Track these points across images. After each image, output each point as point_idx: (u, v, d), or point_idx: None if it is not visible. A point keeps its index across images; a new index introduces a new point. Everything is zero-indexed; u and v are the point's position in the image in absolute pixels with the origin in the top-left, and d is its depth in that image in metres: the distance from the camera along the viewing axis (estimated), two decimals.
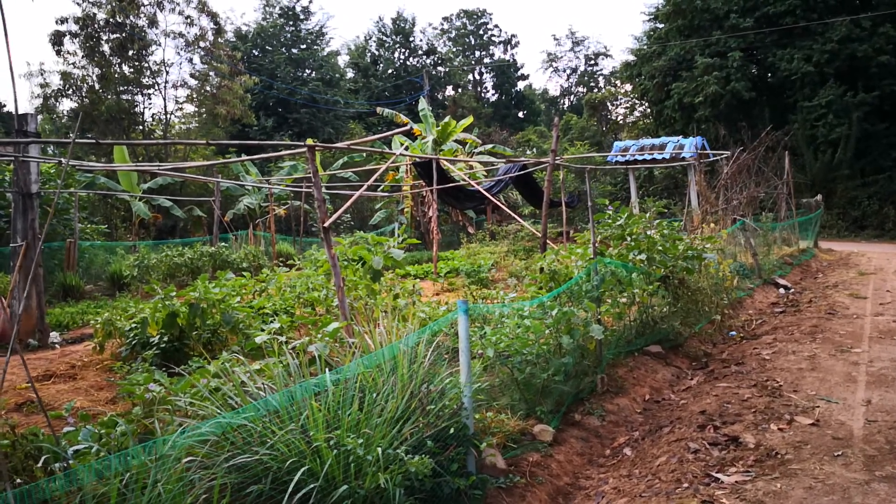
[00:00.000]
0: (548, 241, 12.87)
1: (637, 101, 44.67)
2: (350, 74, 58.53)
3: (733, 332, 10.28)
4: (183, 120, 36.25)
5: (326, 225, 7.09)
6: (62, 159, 11.68)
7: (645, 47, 38.85)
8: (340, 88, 50.14)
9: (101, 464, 3.20)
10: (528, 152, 41.07)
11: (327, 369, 4.55)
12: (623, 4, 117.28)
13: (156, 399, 4.57)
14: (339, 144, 10.67)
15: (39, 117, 35.55)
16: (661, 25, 37.75)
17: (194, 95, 33.38)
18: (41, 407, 3.78)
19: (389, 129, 45.79)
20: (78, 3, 28.29)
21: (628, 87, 44.88)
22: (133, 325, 8.09)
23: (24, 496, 3.04)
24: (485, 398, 5.78)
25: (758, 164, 19.31)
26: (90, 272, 17.51)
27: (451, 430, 4.72)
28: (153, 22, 30.17)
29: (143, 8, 29.64)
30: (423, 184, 23.06)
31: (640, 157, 25.05)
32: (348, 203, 7.40)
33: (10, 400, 7.60)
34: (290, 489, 3.52)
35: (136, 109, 31.98)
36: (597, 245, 8.17)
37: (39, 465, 4.11)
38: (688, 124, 33.72)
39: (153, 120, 33.73)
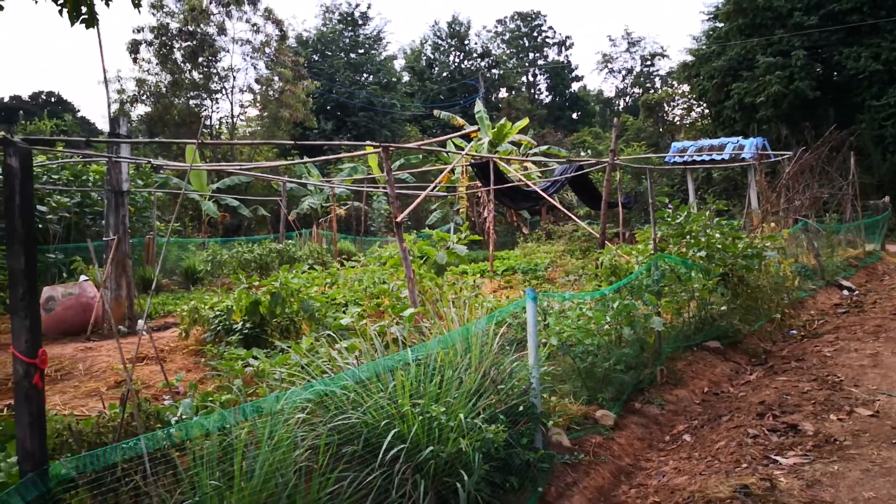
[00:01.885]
0: (605, 241, 13.07)
1: (695, 102, 44.14)
2: (406, 78, 59.33)
3: (794, 331, 10.33)
4: (247, 123, 37.45)
5: (399, 220, 7.52)
6: (151, 160, 12.45)
7: (704, 47, 38.39)
8: (397, 92, 50.95)
9: (225, 417, 3.66)
10: (583, 153, 41.06)
11: (408, 348, 4.96)
12: (680, 4, 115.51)
13: (255, 372, 5.04)
14: (410, 144, 11.15)
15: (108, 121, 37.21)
16: (721, 25, 37.27)
17: (259, 99, 34.49)
18: (165, 376, 4.27)
19: (444, 131, 46.35)
20: (153, 13, 29.67)
21: (686, 87, 44.37)
22: (218, 313, 8.67)
23: (156, 440, 3.52)
24: (549, 384, 6.11)
25: (821, 165, 19.07)
26: (165, 267, 18.42)
27: (521, 408, 5.08)
28: (222, 30, 31.38)
29: (212, 16, 30.86)
30: (479, 184, 23.45)
31: (699, 158, 24.90)
32: (419, 199, 7.83)
33: (110, 378, 8.28)
34: (384, 446, 3.92)
35: (204, 113, 33.24)
36: (656, 243, 8.41)
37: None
38: (748, 125, 33.23)
39: (219, 124, 35.00)
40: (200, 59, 31.12)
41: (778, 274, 10.83)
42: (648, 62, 69.98)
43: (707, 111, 40.39)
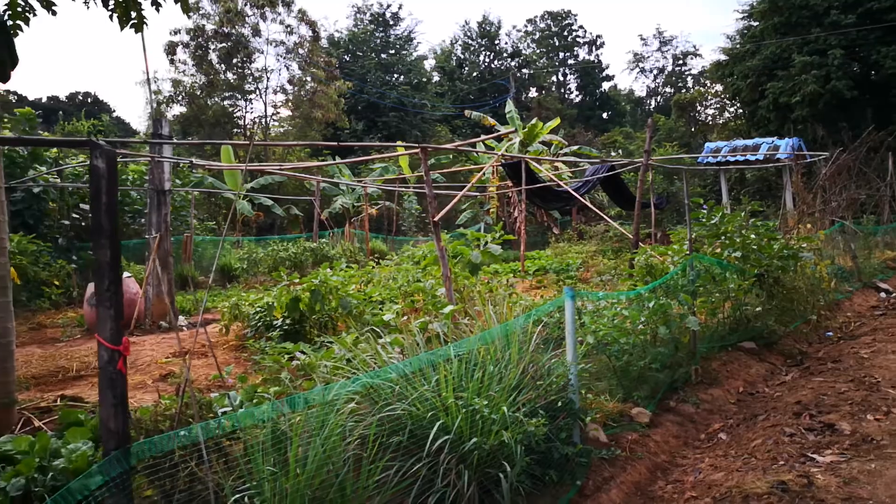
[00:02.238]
0: (638, 242, 13.10)
1: (728, 102, 43.68)
2: (436, 78, 59.57)
3: (830, 333, 10.28)
4: (279, 123, 37.96)
5: (436, 219, 7.67)
6: (192, 159, 12.77)
7: (738, 46, 37.99)
8: (427, 92, 51.19)
9: (280, 406, 3.83)
10: (613, 153, 40.91)
11: (449, 343, 5.11)
12: (714, 3, 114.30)
13: (302, 366, 5.23)
14: (447, 146, 11.30)
15: (145, 122, 37.97)
16: (755, 23, 36.85)
17: (291, 100, 34.94)
18: (219, 369, 4.46)
19: (473, 131, 46.48)
20: (189, 16, 30.19)
21: (719, 87, 43.92)
22: (258, 309, 8.91)
23: (220, 427, 3.71)
24: (586, 381, 6.23)
25: (859, 166, 18.86)
26: (201, 265, 18.82)
27: (559, 404, 5.21)
28: (256, 31, 31.89)
29: (247, 18, 31.36)
30: (510, 185, 23.54)
31: (733, 159, 24.70)
32: (455, 199, 7.98)
33: (155, 372, 8.56)
34: (430, 437, 4.08)
35: (238, 114, 33.81)
36: (692, 243, 8.46)
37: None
38: (783, 125, 32.83)
39: (253, 124, 35.54)
40: (235, 61, 31.65)
41: (814, 275, 10.78)
42: (680, 61, 69.45)
43: (741, 111, 39.96)
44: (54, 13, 7.82)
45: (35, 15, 7.56)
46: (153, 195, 11.58)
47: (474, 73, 61.76)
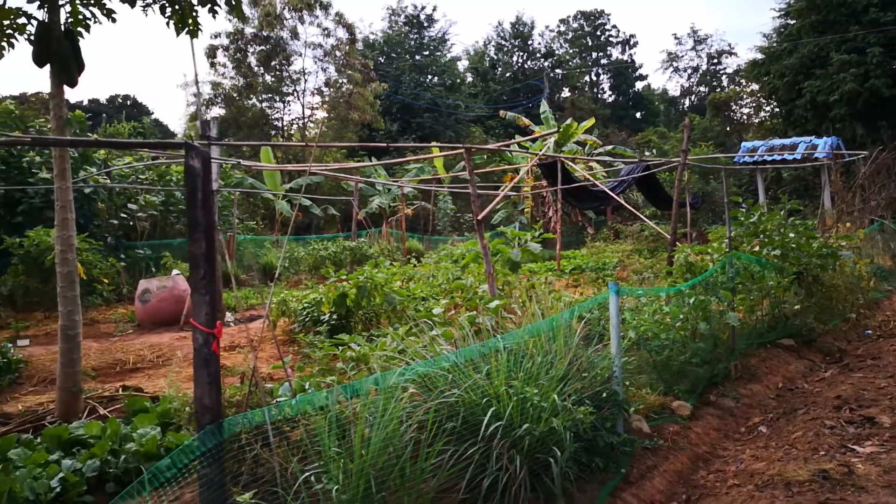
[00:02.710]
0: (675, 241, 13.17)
1: (764, 101, 43.21)
2: (469, 79, 59.80)
3: (869, 331, 10.30)
4: (316, 125, 38.53)
5: (479, 218, 7.91)
6: (240, 160, 13.17)
7: (774, 45, 37.60)
8: (461, 93, 51.44)
9: (350, 387, 4.10)
10: (647, 153, 40.71)
11: (498, 336, 5.34)
12: (749, 1, 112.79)
13: (357, 356, 5.51)
14: (490, 146, 11.54)
15: (184, 124, 38.80)
16: (792, 22, 36.45)
17: (328, 101, 35.46)
18: (281, 358, 4.75)
19: (507, 131, 46.59)
20: (230, 20, 30.90)
21: (755, 86, 43.46)
22: (306, 305, 9.23)
23: (293, 407, 3.98)
24: (628, 375, 6.41)
25: None
26: (242, 263, 19.29)
27: (604, 395, 5.41)
28: (295, 34, 32.43)
29: (286, 21, 31.93)
30: (544, 184, 23.67)
31: (770, 158, 24.55)
32: (498, 198, 8.19)
33: None
34: (484, 423, 4.31)
35: (276, 115, 34.44)
36: (730, 241, 8.59)
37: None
38: (821, 124, 32.44)
39: (290, 125, 36.14)
40: (273, 63, 32.24)
41: (853, 274, 10.80)
42: (715, 60, 68.70)
43: (777, 110, 39.52)
44: (114, 20, 8.22)
45: (96, 22, 7.97)
46: None
47: (507, 74, 61.85)
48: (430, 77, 51.50)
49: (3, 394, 8.15)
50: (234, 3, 7.90)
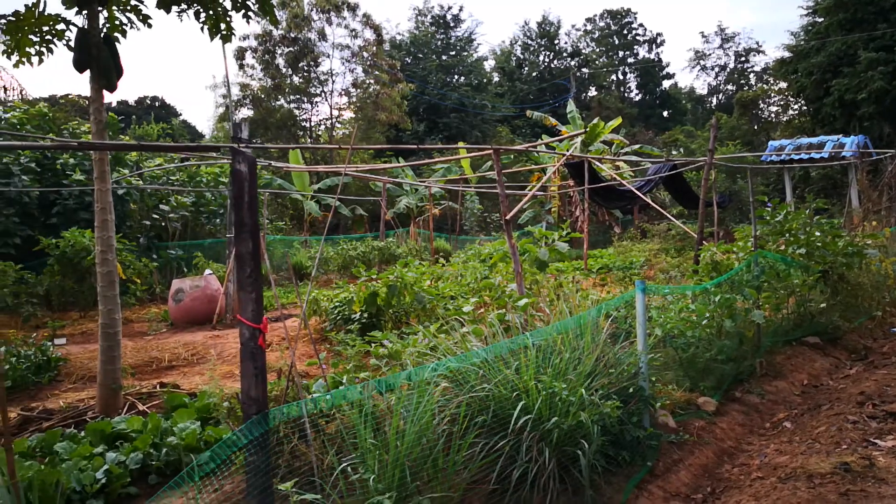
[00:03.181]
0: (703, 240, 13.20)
1: (792, 99, 42.76)
2: (495, 78, 59.89)
3: (895, 329, 10.29)
4: (344, 126, 38.95)
5: (508, 218, 8.06)
6: (272, 161, 13.44)
7: (802, 43, 37.24)
8: (488, 93, 51.57)
9: (384, 381, 4.29)
10: (674, 152, 40.47)
11: (527, 332, 5.49)
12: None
13: (389, 352, 5.70)
14: (518, 147, 11.68)
15: (213, 125, 39.39)
16: (820, 20, 36.10)
17: (355, 102, 35.83)
18: (316, 354, 4.95)
19: (533, 131, 46.61)
20: (258, 21, 31.37)
21: (782, 84, 43.02)
22: (337, 304, 9.45)
23: (336, 397, 4.18)
24: (653, 371, 6.52)
25: None
26: (272, 263, 19.62)
27: (630, 390, 5.54)
28: (322, 36, 32.86)
29: (314, 23, 32.35)
30: (571, 184, 23.72)
31: (797, 157, 24.36)
32: (526, 198, 8.34)
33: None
34: (514, 416, 4.47)
35: (304, 116, 34.87)
36: (756, 240, 8.66)
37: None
38: (849, 122, 32.10)
39: (318, 126, 36.58)
40: (301, 65, 32.66)
41: (879, 273, 10.78)
42: (743, 58, 67.99)
43: (805, 108, 39.14)
44: (150, 26, 8.49)
45: (132, 27, 8.24)
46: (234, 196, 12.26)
47: (534, 73, 61.85)
48: (456, 77, 51.71)
49: (43, 391, 8.47)
50: (266, 7, 8.15)
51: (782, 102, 45.74)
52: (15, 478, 4.24)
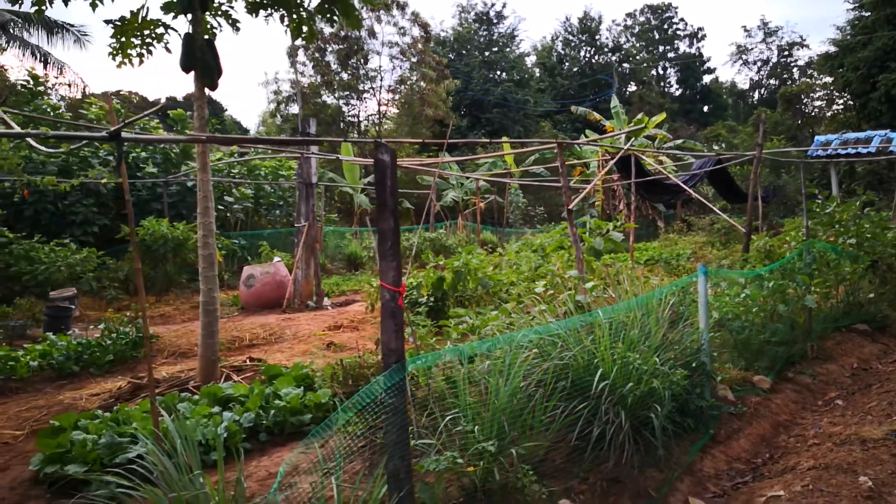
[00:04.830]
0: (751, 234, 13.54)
1: (837, 94, 42.32)
2: (537, 74, 60.17)
3: None
4: (389, 121, 39.74)
5: (571, 207, 8.60)
6: (337, 156, 14.17)
7: (848, 37, 36.91)
8: (530, 88, 51.95)
9: (483, 343, 4.89)
10: (716, 147, 40.38)
11: (598, 310, 6.05)
12: None
13: (471, 327, 6.30)
14: (580, 141, 12.20)
15: (259, 121, 40.41)
16: (866, 14, 35.75)
17: (402, 98, 36.57)
18: (409, 332, 5.57)
19: (575, 126, 46.84)
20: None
21: (827, 78, 42.59)
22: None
23: (461, 350, 4.78)
24: (712, 350, 7.02)
25: None
26: (327, 253, 20.41)
27: (693, 364, 6.06)
28: (372, 33, 33.65)
29: (364, 21, 33.13)
30: (615, 178, 24.09)
31: (843, 152, 24.37)
32: (588, 188, 8.86)
33: (316, 342, 9.88)
34: (594, 382, 5.04)
35: (352, 112, 35.76)
36: (808, 230, 9.07)
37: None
38: (895, 117, 31.88)
39: (366, 121, 37.43)
40: (351, 62, 33.50)
41: None
42: (786, 52, 67.17)
43: (851, 103, 38.78)
44: (238, 30, 9.20)
45: (221, 30, 8.93)
46: (302, 188, 13.01)
47: (575, 69, 62.00)
48: (499, 73, 52.15)
49: (141, 364, 9.28)
50: (348, 12, 8.73)
51: (827, 97, 45.27)
52: (158, 427, 4.96)
